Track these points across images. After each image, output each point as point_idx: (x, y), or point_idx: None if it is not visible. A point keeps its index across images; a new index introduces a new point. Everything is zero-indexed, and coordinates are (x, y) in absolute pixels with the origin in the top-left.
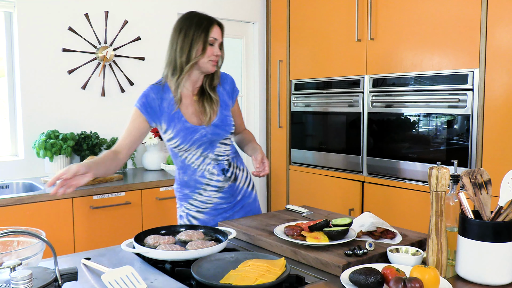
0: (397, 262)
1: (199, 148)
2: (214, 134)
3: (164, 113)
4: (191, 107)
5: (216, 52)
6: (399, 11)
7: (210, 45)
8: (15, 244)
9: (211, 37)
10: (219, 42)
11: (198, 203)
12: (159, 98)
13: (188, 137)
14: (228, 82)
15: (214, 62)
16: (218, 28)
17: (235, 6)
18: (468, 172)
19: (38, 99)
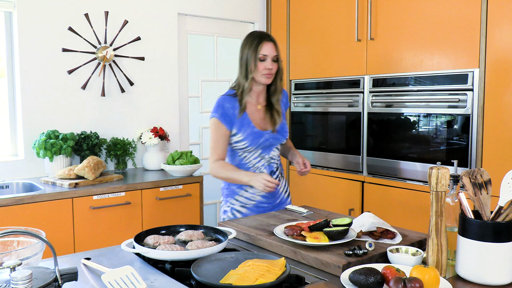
0: (397, 262)
1: (260, 149)
2: (274, 139)
3: (236, 120)
4: (257, 114)
5: (267, 66)
6: (399, 11)
7: (261, 61)
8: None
9: (260, 54)
10: (272, 56)
11: (243, 199)
12: (232, 107)
13: (255, 141)
14: (285, 96)
15: (268, 75)
16: (269, 44)
17: (235, 6)
18: (468, 172)
19: (38, 99)
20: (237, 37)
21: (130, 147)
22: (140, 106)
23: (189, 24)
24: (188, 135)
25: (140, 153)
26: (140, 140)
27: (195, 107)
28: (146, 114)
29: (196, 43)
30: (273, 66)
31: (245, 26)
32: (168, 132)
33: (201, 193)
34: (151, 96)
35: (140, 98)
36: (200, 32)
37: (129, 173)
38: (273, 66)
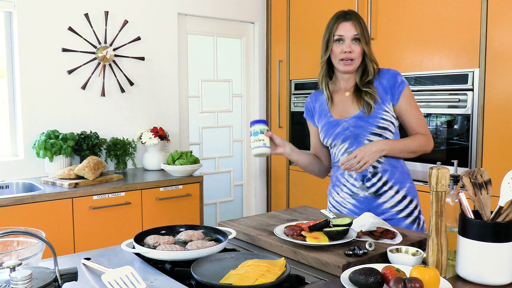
0: (397, 262)
1: (344, 142)
2: (356, 127)
3: (316, 112)
4: (340, 103)
5: (344, 49)
6: (399, 11)
7: (337, 43)
8: (15, 244)
9: (336, 35)
10: (350, 37)
11: (335, 202)
12: (313, 100)
13: (330, 131)
14: (387, 77)
15: (346, 61)
16: (347, 23)
17: (235, 6)
18: (468, 172)
19: (38, 99)
20: (237, 37)
21: (130, 147)
22: (140, 106)
23: (189, 24)
24: (188, 135)
25: (140, 153)
26: (140, 140)
27: (195, 107)
28: (146, 114)
29: (196, 43)
30: (354, 47)
31: (245, 26)
32: (168, 132)
33: (201, 193)
34: (151, 96)
35: (140, 98)
36: (200, 32)
37: (129, 173)
38: (352, 49)
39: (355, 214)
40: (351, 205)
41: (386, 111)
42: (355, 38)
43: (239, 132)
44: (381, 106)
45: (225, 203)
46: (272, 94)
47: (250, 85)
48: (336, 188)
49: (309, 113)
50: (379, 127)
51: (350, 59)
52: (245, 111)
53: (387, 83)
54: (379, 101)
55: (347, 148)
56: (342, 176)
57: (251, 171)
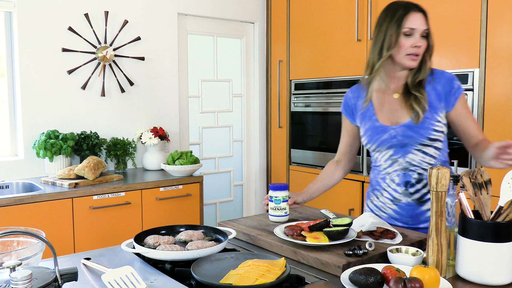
0: (397, 262)
1: (389, 149)
2: (405, 137)
3: (358, 110)
4: (387, 105)
5: (414, 43)
6: None
7: (406, 36)
8: (15, 244)
9: (406, 27)
10: (421, 31)
11: (374, 207)
12: (355, 96)
13: (375, 137)
14: (442, 81)
15: (413, 56)
16: (418, 15)
17: (235, 6)
18: (468, 172)
19: (38, 99)
20: (237, 37)
21: (130, 147)
22: (140, 106)
23: (189, 24)
24: (188, 135)
25: (140, 153)
26: (140, 140)
27: (195, 107)
28: (146, 114)
29: (196, 43)
30: (422, 43)
31: (245, 26)
32: (168, 132)
33: (201, 193)
34: (151, 96)
35: (140, 98)
36: (200, 32)
37: (129, 173)
38: (422, 44)
39: (396, 221)
40: (392, 211)
41: (439, 121)
42: (425, 33)
43: (239, 132)
44: (434, 115)
45: (225, 203)
46: (272, 94)
47: (250, 85)
48: (376, 192)
49: (348, 109)
50: (430, 139)
51: (419, 54)
52: (245, 111)
53: (442, 89)
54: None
55: (391, 155)
56: (383, 181)
57: (251, 171)
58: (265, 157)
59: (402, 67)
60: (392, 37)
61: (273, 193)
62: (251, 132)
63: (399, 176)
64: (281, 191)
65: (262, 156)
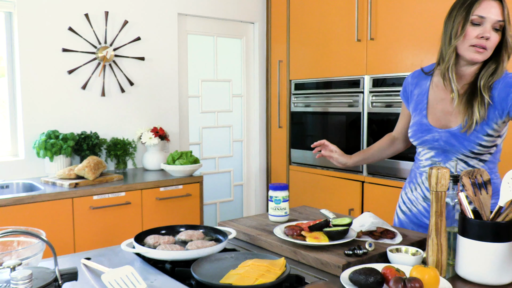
0: (397, 262)
1: (430, 150)
2: (447, 144)
3: (413, 100)
4: (442, 104)
5: (481, 33)
6: (399, 11)
7: (475, 25)
8: (15, 244)
9: (474, 14)
10: (493, 21)
11: (407, 199)
12: (414, 83)
13: (418, 134)
14: (503, 87)
15: (479, 49)
16: (492, 3)
17: (235, 6)
18: (468, 172)
19: (38, 99)
20: (237, 37)
21: (130, 147)
22: (140, 106)
23: (189, 24)
24: (188, 135)
25: (140, 153)
26: (140, 140)
27: (195, 107)
28: (146, 114)
29: (196, 43)
30: (492, 35)
31: (245, 26)
32: (168, 132)
33: (201, 193)
34: (151, 96)
35: (140, 98)
36: (200, 32)
37: (129, 173)
38: (491, 36)
39: (424, 217)
40: (422, 207)
41: (490, 135)
42: (498, 25)
43: (239, 132)
44: (484, 128)
45: (225, 203)
46: (272, 94)
47: (250, 85)
48: (411, 185)
49: (406, 95)
50: (472, 152)
51: (485, 47)
52: (245, 111)
53: (498, 96)
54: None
55: (432, 156)
56: (421, 176)
57: (251, 171)
58: (265, 157)
59: (466, 62)
60: (459, 25)
61: (273, 193)
62: (251, 132)
63: None
64: (281, 191)
65: (262, 156)
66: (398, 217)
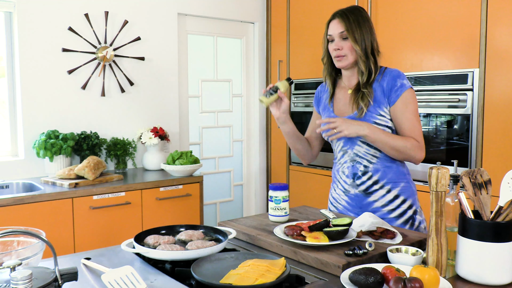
0: (397, 262)
1: (339, 140)
2: None
3: (321, 102)
4: (343, 100)
5: (334, 47)
6: (399, 11)
7: (331, 42)
8: (15, 244)
9: (328, 35)
10: (337, 34)
11: (332, 199)
12: (322, 90)
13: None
14: (387, 79)
15: (337, 57)
16: (335, 21)
17: (235, 6)
18: (468, 172)
19: (38, 99)
20: (237, 37)
21: (130, 147)
22: (140, 106)
23: (189, 24)
24: (188, 135)
25: (140, 153)
26: (140, 140)
27: (195, 107)
28: (146, 114)
29: (196, 43)
30: (343, 45)
31: (245, 26)
32: (168, 132)
33: (201, 193)
34: (151, 96)
35: (140, 98)
36: (200, 32)
37: (129, 173)
38: (341, 45)
39: (348, 211)
40: (345, 202)
41: (382, 115)
42: (342, 36)
43: (239, 132)
44: (376, 109)
45: (225, 203)
46: None
47: (250, 85)
48: (333, 184)
49: (316, 100)
50: None
51: (342, 55)
52: (245, 111)
53: (386, 85)
54: (371, 104)
55: (342, 147)
56: (337, 173)
57: (251, 171)
58: (265, 157)
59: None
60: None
61: (273, 193)
62: (251, 132)
63: (348, 168)
64: (281, 191)
65: (262, 156)
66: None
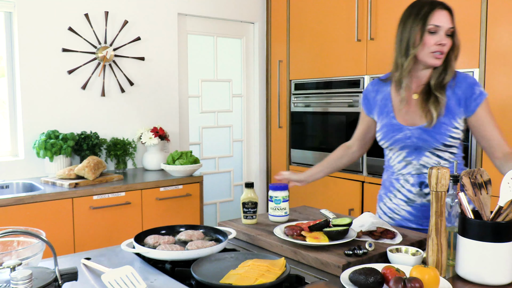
0: (397, 262)
1: (402, 150)
2: (420, 139)
3: (376, 105)
4: (406, 105)
5: (438, 41)
6: (399, 11)
7: (431, 34)
8: (15, 244)
9: (430, 24)
10: (446, 29)
11: (387, 209)
12: (374, 90)
13: (389, 135)
14: (463, 86)
15: (438, 54)
16: (443, 12)
17: (235, 6)
18: (468, 172)
19: (38, 99)
20: (237, 37)
21: (130, 147)
22: (140, 106)
23: (189, 24)
24: (188, 135)
25: (140, 153)
26: (140, 140)
27: (195, 107)
28: (146, 114)
29: (196, 43)
30: (447, 41)
31: (245, 26)
32: (168, 132)
33: (201, 193)
34: (151, 96)
35: (140, 98)
36: (200, 32)
37: (129, 173)
38: (446, 42)
39: (409, 222)
40: (406, 212)
41: (456, 128)
42: (448, 32)
43: (239, 132)
44: (451, 121)
45: (225, 203)
46: (272, 94)
47: (250, 85)
48: (389, 194)
49: (367, 102)
50: (445, 145)
51: (442, 52)
52: (245, 111)
53: (462, 94)
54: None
55: (405, 157)
56: (397, 181)
57: (251, 171)
58: (265, 157)
59: (425, 66)
60: (417, 35)
61: (273, 193)
62: (251, 132)
63: (413, 176)
64: (281, 191)
65: (262, 156)
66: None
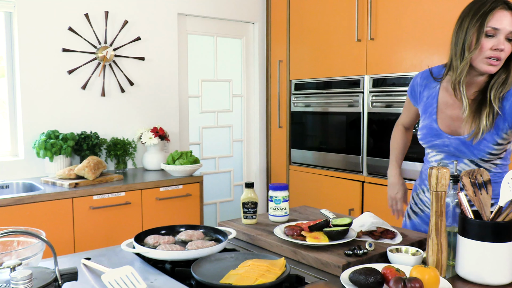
0: (397, 262)
1: (439, 153)
2: (457, 150)
3: (422, 101)
4: (451, 110)
5: (495, 45)
6: (399, 11)
7: (488, 37)
8: (15, 244)
9: (488, 26)
10: (506, 32)
11: (419, 200)
12: (423, 84)
13: (428, 138)
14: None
15: (493, 61)
16: (505, 13)
17: (235, 6)
18: (468, 172)
19: (38, 99)
20: (237, 37)
21: (130, 147)
22: (140, 106)
23: (189, 24)
24: (188, 135)
25: (140, 153)
26: (140, 140)
27: (195, 107)
28: (146, 114)
29: (196, 43)
30: (506, 46)
31: (245, 26)
32: (168, 132)
33: (201, 193)
34: (151, 96)
35: (140, 98)
36: (200, 32)
37: (129, 173)
38: (505, 47)
39: None
40: None
41: (499, 144)
42: (511, 35)
43: (239, 132)
44: (494, 137)
45: (225, 203)
46: (272, 94)
47: (250, 85)
48: (423, 186)
49: (414, 95)
50: (482, 160)
51: (499, 58)
52: (245, 111)
53: (509, 108)
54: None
55: (442, 159)
56: None
57: (251, 171)
58: (265, 157)
59: (479, 72)
60: (473, 37)
61: (273, 193)
62: (251, 132)
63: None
64: (281, 191)
65: (262, 156)
66: (410, 219)
